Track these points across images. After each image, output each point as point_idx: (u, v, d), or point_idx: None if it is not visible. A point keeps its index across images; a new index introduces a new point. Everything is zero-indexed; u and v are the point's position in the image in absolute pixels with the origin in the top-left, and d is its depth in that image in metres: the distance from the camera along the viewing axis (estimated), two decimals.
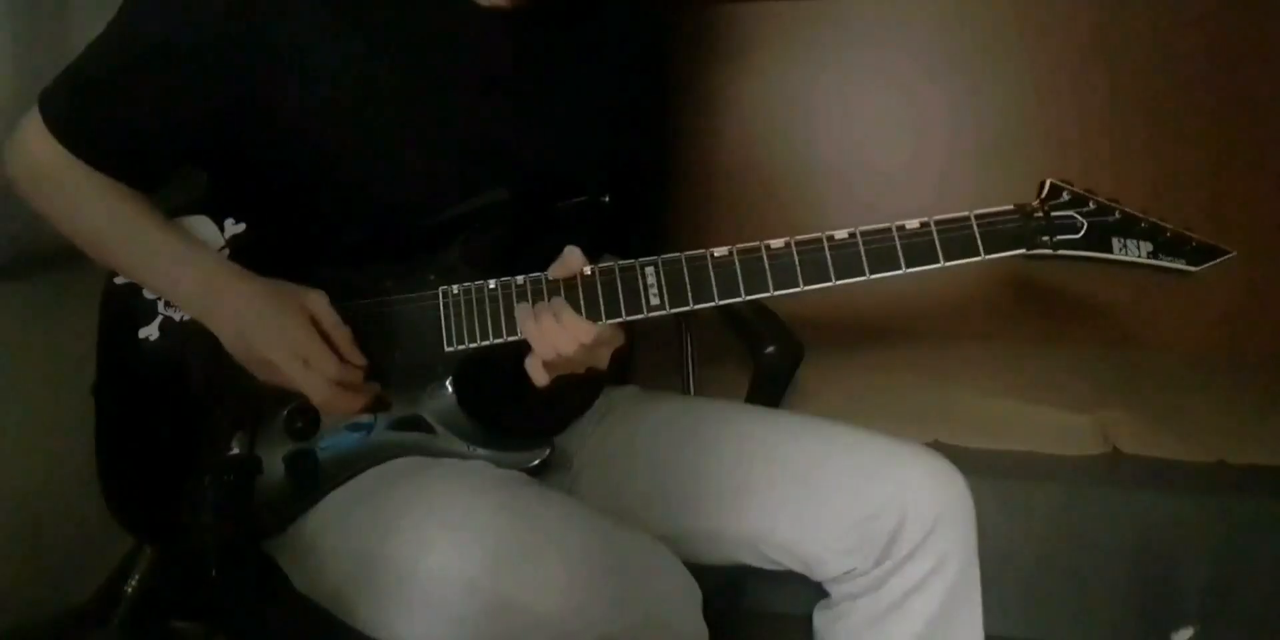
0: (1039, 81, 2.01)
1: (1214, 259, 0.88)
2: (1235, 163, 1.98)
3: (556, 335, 0.86)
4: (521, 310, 0.88)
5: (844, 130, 2.11)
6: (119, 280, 0.98)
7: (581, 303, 0.88)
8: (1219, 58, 1.94)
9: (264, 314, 0.87)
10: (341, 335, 0.89)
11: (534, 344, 0.87)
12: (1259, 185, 1.98)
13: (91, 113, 0.90)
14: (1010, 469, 1.54)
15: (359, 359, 0.89)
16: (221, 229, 0.96)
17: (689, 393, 1.32)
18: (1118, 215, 0.88)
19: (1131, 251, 0.87)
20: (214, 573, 0.82)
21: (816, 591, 1.01)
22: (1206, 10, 1.93)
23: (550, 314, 0.87)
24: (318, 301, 0.89)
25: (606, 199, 0.98)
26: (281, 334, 0.86)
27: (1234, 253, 0.88)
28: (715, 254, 0.88)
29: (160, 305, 0.96)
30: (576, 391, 1.08)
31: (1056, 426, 1.64)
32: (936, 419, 1.60)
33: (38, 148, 0.91)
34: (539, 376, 0.89)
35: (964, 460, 0.98)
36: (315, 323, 0.88)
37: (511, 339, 0.90)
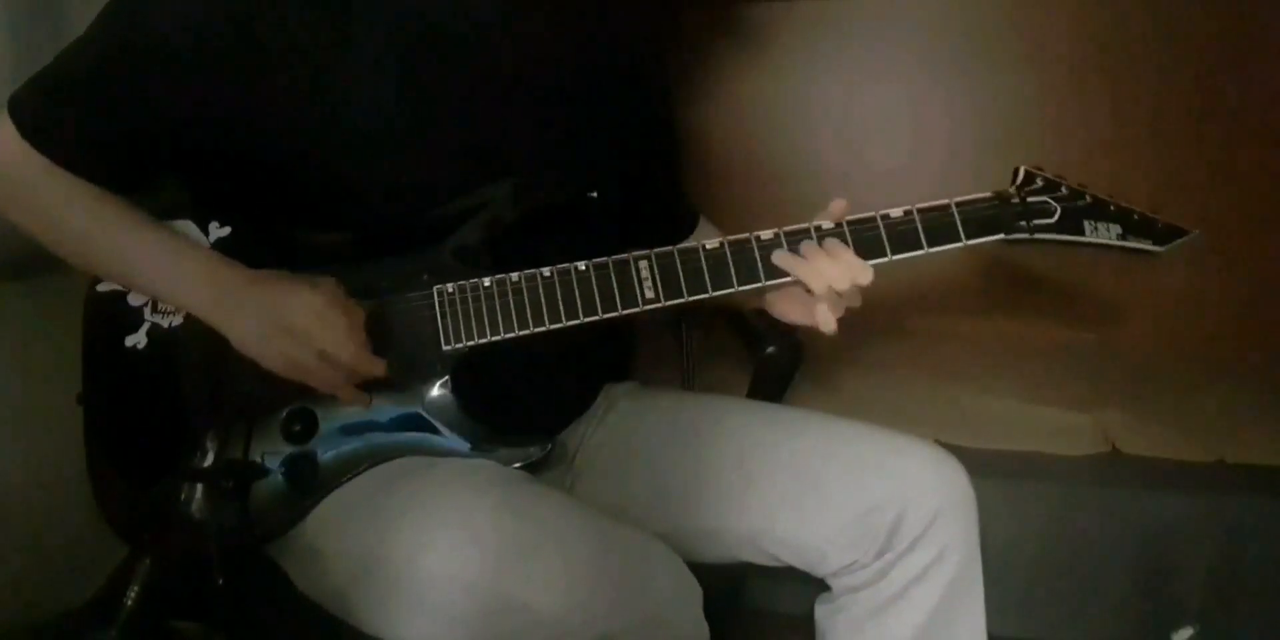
0: (1040, 81, 2.01)
1: (1179, 238, 0.91)
2: (1236, 161, 1.97)
3: (828, 267, 0.87)
4: (780, 256, 0.89)
5: (844, 130, 2.10)
6: (102, 288, 0.96)
7: (577, 297, 0.89)
8: (1221, 56, 1.94)
9: (280, 289, 0.86)
10: (355, 312, 0.88)
11: (807, 281, 0.88)
12: (1260, 184, 1.98)
13: (70, 116, 0.87)
14: (1010, 469, 1.54)
15: (364, 338, 0.88)
16: (206, 233, 0.94)
17: None
18: (1088, 199, 0.91)
19: (1103, 233, 0.91)
20: (219, 580, 0.83)
21: (817, 589, 1.01)
22: (1209, 9, 1.93)
23: (823, 253, 0.88)
24: (328, 282, 0.88)
25: (594, 195, 0.98)
26: (301, 299, 0.85)
27: (1196, 231, 0.91)
28: (707, 246, 0.90)
29: (147, 312, 0.95)
30: (575, 389, 1.08)
31: (1056, 426, 1.64)
32: (936, 419, 1.60)
33: (8, 154, 0.87)
34: (827, 319, 0.89)
35: (964, 460, 0.98)
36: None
37: (509, 336, 0.90)
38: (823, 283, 0.87)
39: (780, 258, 0.89)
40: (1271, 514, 1.46)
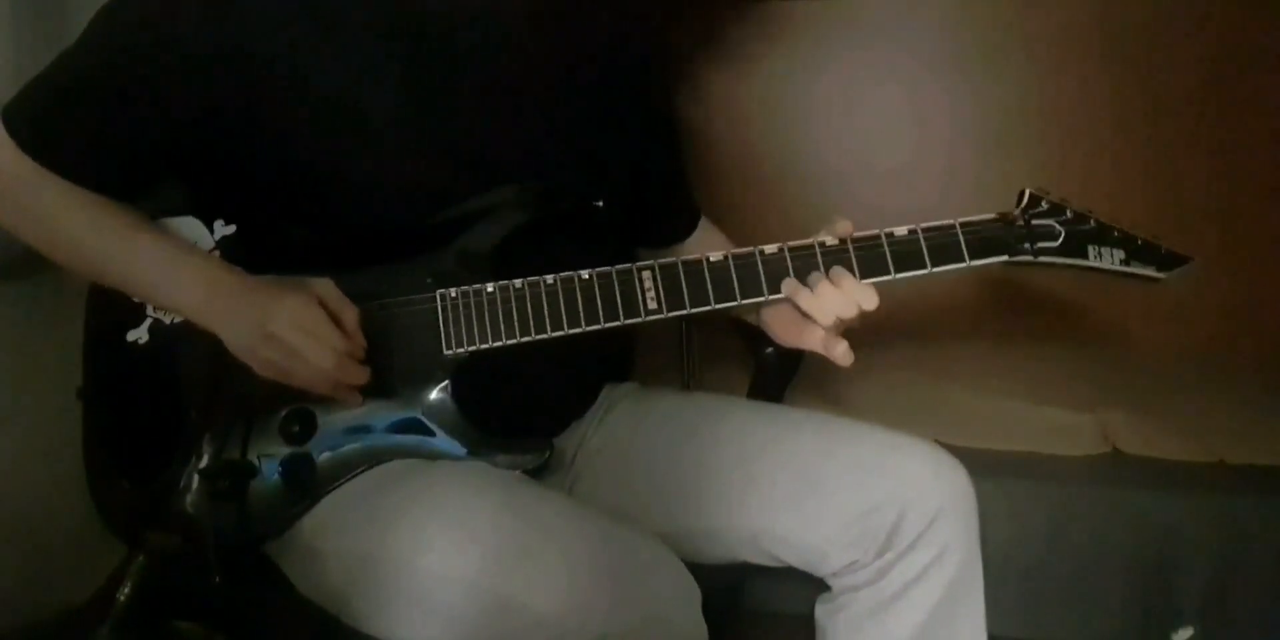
0: (1042, 82, 2.01)
1: (1180, 265, 0.92)
2: (1236, 162, 1.97)
3: (835, 301, 0.87)
4: (788, 284, 0.89)
5: (846, 130, 2.10)
6: None
7: (579, 305, 0.89)
8: (1222, 57, 1.94)
9: (269, 295, 0.86)
10: (349, 314, 0.87)
11: (812, 313, 0.88)
12: (1260, 186, 1.97)
13: (66, 124, 0.87)
14: (1010, 469, 1.54)
15: (360, 339, 0.88)
16: (211, 230, 0.94)
17: None
18: (1093, 224, 0.92)
19: (1106, 259, 0.92)
20: (215, 579, 0.83)
21: (817, 589, 1.01)
22: (1211, 10, 1.93)
23: (826, 281, 0.88)
24: (324, 284, 0.88)
25: (600, 203, 0.98)
26: (286, 307, 0.85)
27: (1195, 260, 0.93)
28: (711, 259, 0.90)
29: (149, 307, 0.95)
30: (574, 393, 1.08)
31: (1056, 426, 1.64)
32: (936, 419, 1.60)
33: (2, 162, 0.87)
34: (837, 350, 0.90)
35: (964, 460, 0.98)
36: (321, 303, 0.87)
37: (510, 342, 0.90)
38: (829, 316, 0.88)
39: (787, 287, 0.89)
40: (1271, 514, 1.46)
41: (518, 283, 0.90)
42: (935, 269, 0.90)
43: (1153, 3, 1.96)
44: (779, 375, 1.28)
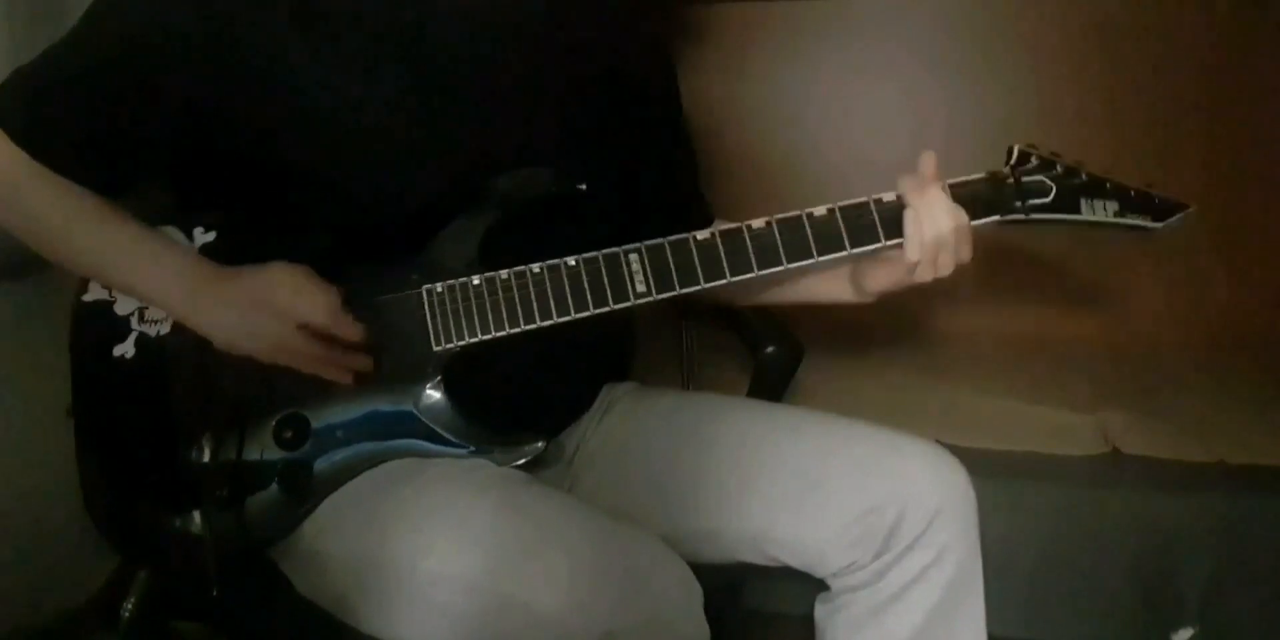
0: (1039, 77, 2.01)
1: (1176, 214, 0.91)
2: (1236, 162, 1.97)
3: (943, 210, 0.87)
4: (903, 182, 0.89)
5: (844, 128, 2.11)
6: (88, 297, 0.96)
7: (567, 293, 0.88)
8: (1220, 53, 1.94)
9: (250, 271, 0.87)
10: (328, 287, 0.87)
11: (920, 214, 0.88)
12: (1258, 183, 1.98)
13: (55, 114, 0.86)
14: (1010, 469, 1.54)
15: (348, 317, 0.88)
16: (191, 238, 0.94)
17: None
18: (1084, 177, 0.91)
19: (1099, 211, 0.90)
20: (213, 591, 0.82)
21: (817, 589, 1.01)
22: (1210, 8, 1.93)
23: (936, 187, 0.88)
24: (304, 269, 0.88)
25: (583, 186, 0.97)
26: (270, 272, 0.86)
27: (1193, 207, 0.92)
28: (698, 237, 0.89)
29: (134, 321, 0.94)
30: (574, 390, 1.08)
31: (1056, 426, 1.64)
32: (936, 419, 1.60)
33: None
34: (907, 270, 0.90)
35: (964, 460, 0.98)
36: None
37: (500, 334, 0.89)
38: (932, 227, 0.88)
39: (902, 184, 0.89)
40: (1271, 514, 1.46)
41: (504, 274, 0.89)
42: None
43: (1153, 0, 1.96)
44: (779, 375, 1.27)
